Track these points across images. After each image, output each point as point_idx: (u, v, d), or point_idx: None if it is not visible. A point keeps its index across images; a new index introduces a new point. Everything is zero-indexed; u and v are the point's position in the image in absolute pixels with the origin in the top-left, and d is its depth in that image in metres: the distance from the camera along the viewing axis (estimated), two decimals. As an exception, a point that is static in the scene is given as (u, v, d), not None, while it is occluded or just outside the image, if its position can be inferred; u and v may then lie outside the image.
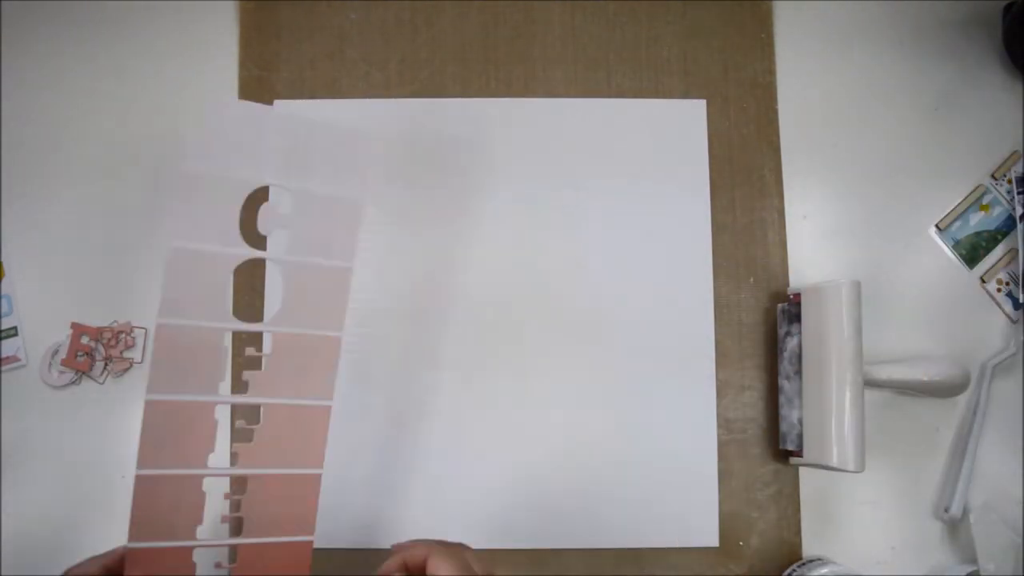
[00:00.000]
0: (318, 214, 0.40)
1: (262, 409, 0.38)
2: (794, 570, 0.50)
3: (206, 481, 0.36)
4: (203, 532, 0.36)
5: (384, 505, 0.52)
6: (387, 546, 0.50)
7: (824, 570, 0.49)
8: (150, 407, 0.36)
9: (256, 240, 0.38)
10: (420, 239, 0.55)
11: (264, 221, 0.39)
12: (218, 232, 0.37)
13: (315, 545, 0.44)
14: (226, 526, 0.38)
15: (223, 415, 0.40)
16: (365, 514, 0.52)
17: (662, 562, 0.52)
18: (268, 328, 0.39)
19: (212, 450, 0.36)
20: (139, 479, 0.35)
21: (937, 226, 0.56)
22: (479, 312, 0.54)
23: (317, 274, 0.40)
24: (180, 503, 0.36)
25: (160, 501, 0.36)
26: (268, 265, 0.48)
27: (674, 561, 0.52)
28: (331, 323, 0.40)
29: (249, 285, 0.54)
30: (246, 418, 0.39)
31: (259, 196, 0.38)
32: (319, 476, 0.39)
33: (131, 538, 0.35)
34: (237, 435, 0.41)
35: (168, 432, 0.36)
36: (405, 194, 0.56)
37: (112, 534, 0.36)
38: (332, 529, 0.51)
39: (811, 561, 0.50)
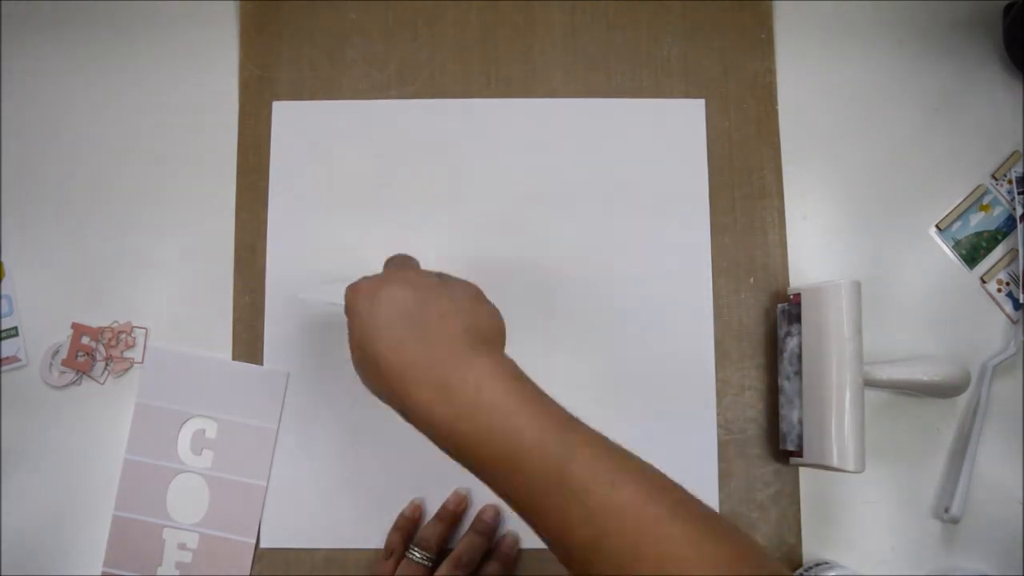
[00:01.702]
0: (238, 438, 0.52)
1: None
2: (801, 575, 0.50)
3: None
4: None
5: (372, 503, 0.52)
6: (376, 546, 0.50)
7: (831, 573, 0.49)
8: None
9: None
10: (419, 240, 0.55)
11: (194, 443, 0.52)
12: (161, 450, 0.52)
13: (297, 546, 0.51)
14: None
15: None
16: (350, 513, 0.52)
17: (662, 562, 0.51)
18: (196, 529, 0.51)
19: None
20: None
21: (937, 226, 0.56)
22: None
23: (235, 487, 0.52)
24: None
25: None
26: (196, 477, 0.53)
27: (674, 561, 0.51)
28: (246, 530, 0.51)
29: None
30: None
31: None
32: None
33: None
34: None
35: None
36: (404, 195, 0.56)
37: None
38: (321, 529, 0.52)
39: (817, 565, 0.50)
